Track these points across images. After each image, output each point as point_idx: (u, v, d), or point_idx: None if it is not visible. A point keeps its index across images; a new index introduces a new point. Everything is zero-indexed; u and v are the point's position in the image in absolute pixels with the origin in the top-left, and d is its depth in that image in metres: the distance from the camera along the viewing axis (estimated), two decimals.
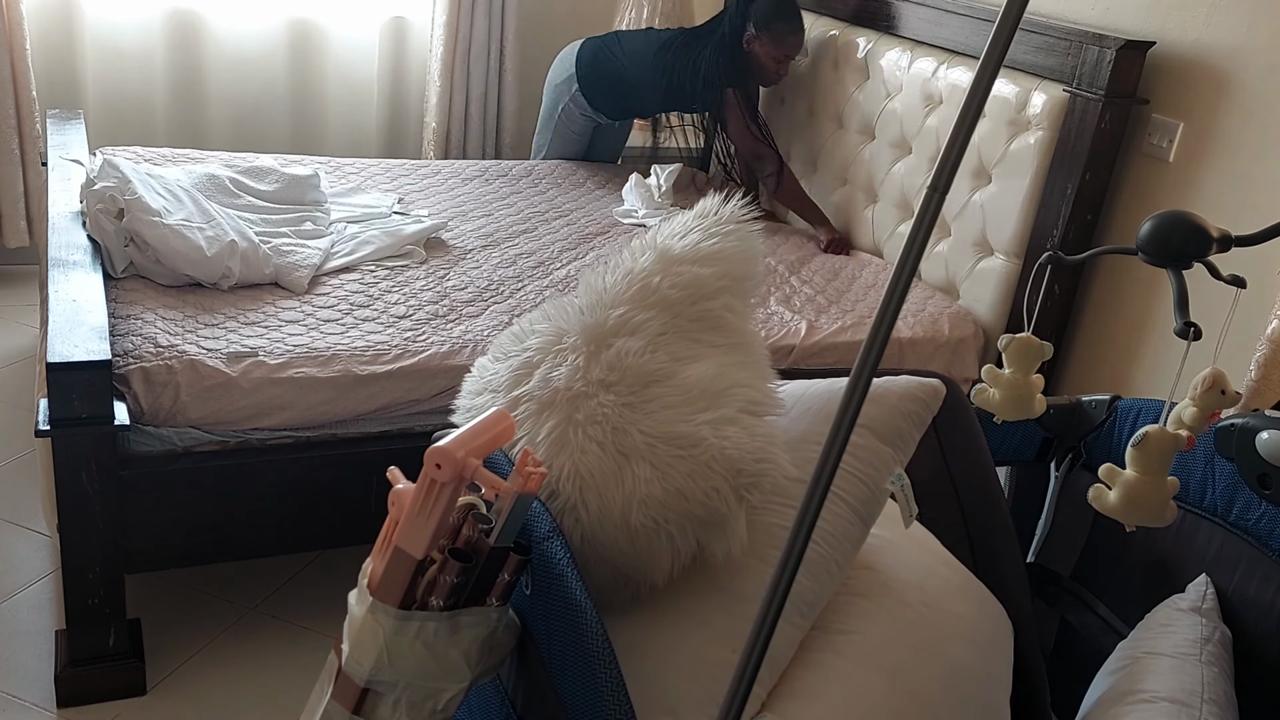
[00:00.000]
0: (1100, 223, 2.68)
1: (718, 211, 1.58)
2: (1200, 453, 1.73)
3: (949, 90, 2.94)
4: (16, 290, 3.69)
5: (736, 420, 1.34)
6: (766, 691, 1.33)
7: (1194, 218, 1.42)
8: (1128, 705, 1.43)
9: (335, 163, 3.49)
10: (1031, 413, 1.68)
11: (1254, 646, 1.63)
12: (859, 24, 3.35)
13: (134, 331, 2.18)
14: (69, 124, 3.17)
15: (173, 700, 2.13)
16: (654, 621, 1.36)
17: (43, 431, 1.91)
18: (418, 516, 1.22)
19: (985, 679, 1.49)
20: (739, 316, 1.50)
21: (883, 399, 1.52)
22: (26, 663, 2.17)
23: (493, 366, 1.55)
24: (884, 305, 0.93)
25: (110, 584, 2.05)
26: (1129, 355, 2.65)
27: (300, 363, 2.19)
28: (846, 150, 3.35)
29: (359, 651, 1.25)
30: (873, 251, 3.24)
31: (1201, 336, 1.34)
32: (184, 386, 2.09)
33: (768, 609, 1.00)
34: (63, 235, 2.43)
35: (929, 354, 2.73)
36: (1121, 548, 1.88)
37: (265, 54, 3.92)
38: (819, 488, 0.97)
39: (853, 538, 1.43)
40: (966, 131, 0.90)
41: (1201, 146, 2.46)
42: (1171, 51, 2.53)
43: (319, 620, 2.39)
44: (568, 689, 1.25)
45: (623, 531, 1.32)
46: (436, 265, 2.75)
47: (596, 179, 3.66)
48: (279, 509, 2.22)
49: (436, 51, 3.99)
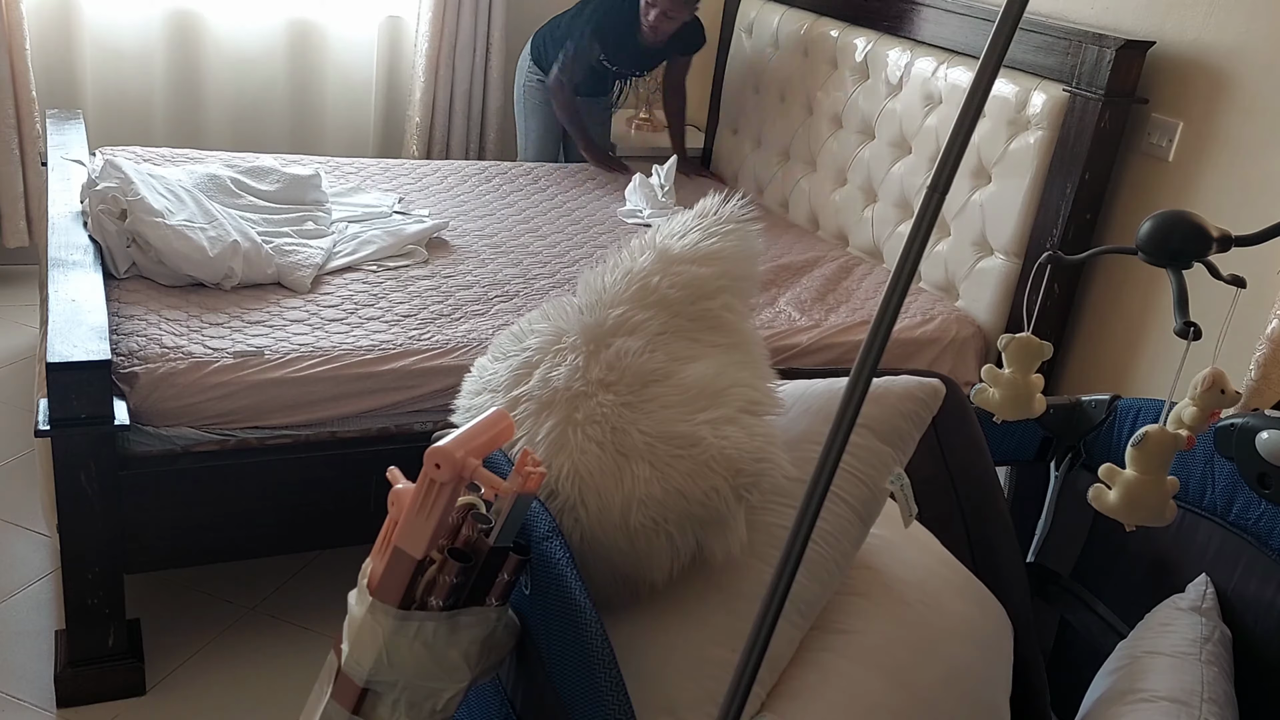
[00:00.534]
0: (1100, 222, 2.68)
1: (717, 211, 1.58)
2: (1200, 452, 1.73)
3: (949, 90, 2.94)
4: (16, 290, 3.69)
5: (736, 420, 1.34)
6: (766, 691, 1.33)
7: (1193, 217, 1.42)
8: (1127, 704, 1.43)
9: (334, 162, 3.49)
10: (1031, 412, 1.68)
11: (1254, 646, 1.63)
12: (858, 23, 3.35)
13: (138, 332, 2.18)
14: (68, 124, 3.17)
15: (172, 700, 2.13)
16: (654, 621, 1.36)
17: (42, 431, 1.91)
18: (417, 516, 1.22)
19: (985, 678, 1.49)
20: (738, 316, 1.50)
21: (883, 399, 1.52)
22: (26, 663, 2.17)
23: (492, 366, 1.55)
24: (884, 305, 0.93)
25: (110, 584, 2.05)
26: (1129, 355, 2.65)
27: (306, 362, 2.19)
28: (846, 150, 3.35)
29: (358, 651, 1.25)
30: (872, 252, 3.24)
31: (1201, 336, 1.34)
32: (190, 386, 2.09)
33: (767, 609, 1.00)
34: (63, 235, 2.43)
35: (929, 354, 2.73)
36: (1121, 547, 1.88)
37: (264, 54, 3.92)
38: (819, 488, 0.97)
39: (853, 538, 1.43)
40: (966, 131, 0.90)
41: (1201, 146, 2.46)
42: (1171, 51, 2.53)
43: (319, 620, 2.39)
44: (567, 689, 1.25)
45: (622, 531, 1.32)
46: (440, 265, 2.75)
47: (597, 179, 3.67)
48: (279, 509, 2.22)
49: (422, 48, 3.99)
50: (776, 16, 3.68)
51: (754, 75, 3.81)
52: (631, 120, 4.28)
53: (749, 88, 3.85)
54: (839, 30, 3.41)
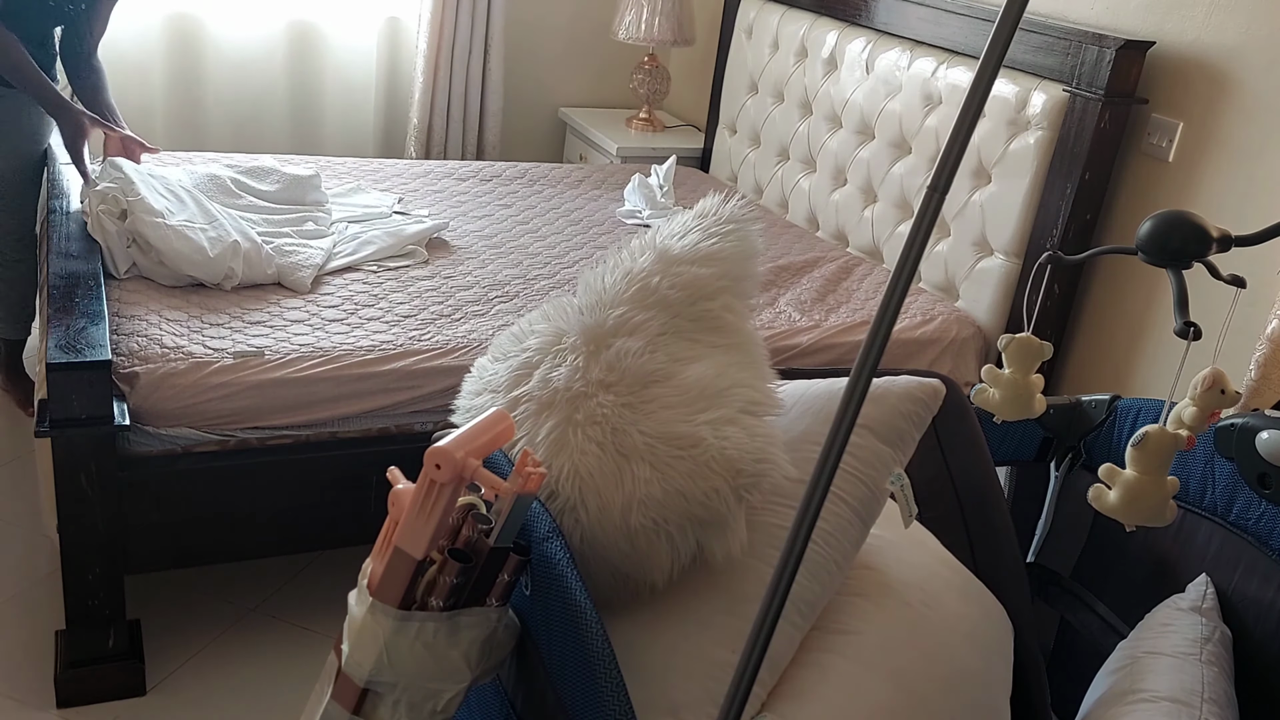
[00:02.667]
0: (1100, 222, 2.68)
1: (717, 211, 1.58)
2: (1200, 452, 1.73)
3: (949, 90, 2.94)
4: None
5: (736, 420, 1.34)
6: (766, 691, 1.33)
7: (1194, 217, 1.42)
8: (1128, 705, 1.43)
9: (333, 163, 3.49)
10: (1031, 413, 1.68)
11: (1254, 646, 1.63)
12: (858, 23, 3.35)
13: (139, 332, 2.18)
14: None
15: (172, 701, 2.13)
16: (654, 621, 1.36)
17: (42, 431, 1.91)
18: (417, 517, 1.22)
19: (985, 679, 1.49)
20: (738, 316, 1.50)
21: (883, 399, 1.52)
22: (26, 663, 2.17)
23: (492, 367, 1.55)
24: (884, 305, 0.93)
25: (110, 584, 2.05)
26: (1129, 355, 2.65)
27: (306, 362, 2.19)
28: (845, 150, 3.35)
29: (359, 652, 1.25)
30: (872, 252, 3.23)
31: (1201, 336, 1.34)
32: (190, 387, 2.09)
33: (768, 609, 1.00)
34: (63, 235, 2.43)
35: (929, 355, 2.73)
36: (1121, 548, 1.88)
37: (264, 56, 3.92)
38: (819, 488, 0.97)
39: (853, 538, 1.43)
40: (966, 131, 0.90)
41: (1201, 146, 2.46)
42: (1171, 51, 2.53)
43: (319, 620, 2.39)
44: (568, 689, 1.25)
45: (622, 532, 1.32)
46: (441, 265, 2.75)
47: (593, 179, 3.67)
48: (279, 509, 2.22)
49: (421, 49, 3.99)
50: (776, 17, 3.68)
51: (753, 75, 3.81)
52: (631, 120, 4.28)
53: (748, 88, 3.85)
54: (839, 30, 3.41)
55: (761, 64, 3.76)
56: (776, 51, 3.69)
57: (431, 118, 4.09)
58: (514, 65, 4.26)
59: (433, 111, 4.08)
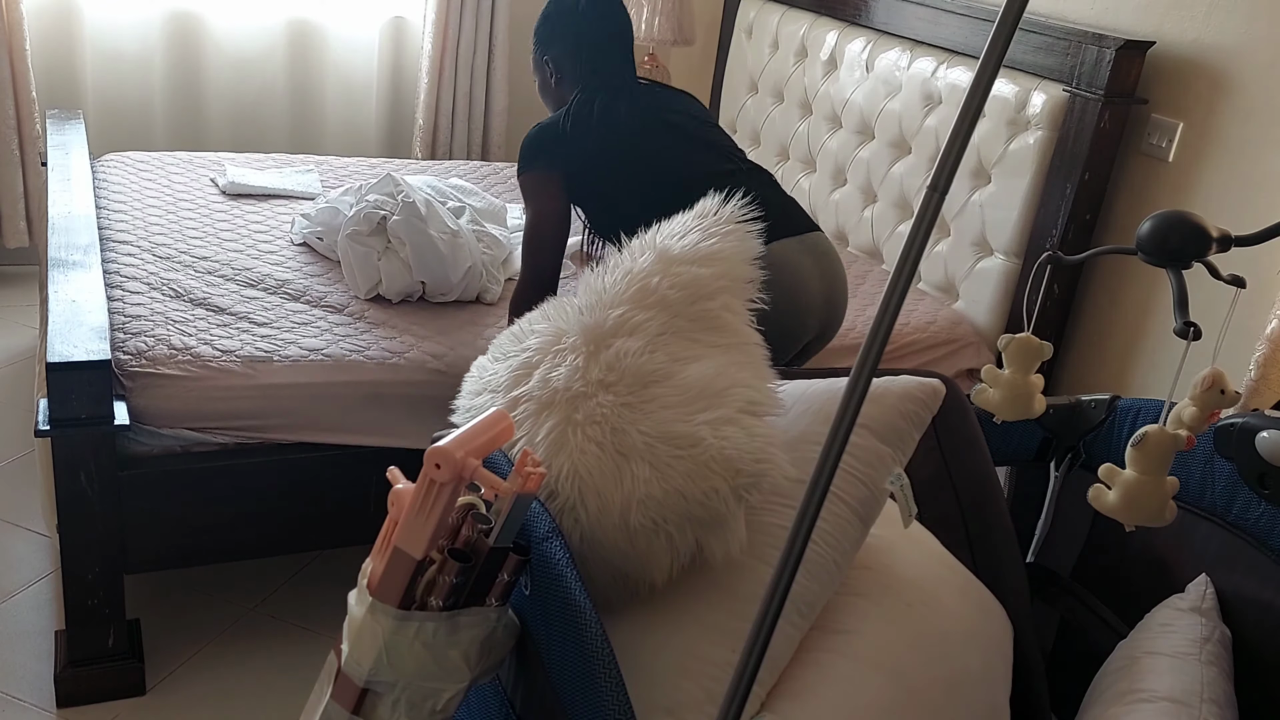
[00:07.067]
0: (1099, 222, 2.68)
1: (717, 212, 1.58)
2: (1200, 452, 1.73)
3: (948, 90, 2.94)
4: (16, 290, 3.69)
5: (735, 420, 1.34)
6: (766, 691, 1.33)
7: (1193, 217, 1.42)
8: (1127, 705, 1.43)
9: (332, 163, 3.49)
10: (1031, 413, 1.68)
11: (1254, 646, 1.63)
12: (858, 23, 3.35)
13: (146, 332, 2.18)
14: (69, 124, 3.17)
15: (172, 700, 2.13)
16: (653, 621, 1.36)
17: (42, 431, 1.91)
18: (417, 517, 1.22)
19: (985, 679, 1.49)
20: (738, 316, 1.50)
21: (882, 399, 1.52)
22: (26, 663, 2.17)
23: (492, 366, 1.55)
24: (884, 305, 0.93)
25: (110, 584, 2.05)
26: (1128, 355, 2.65)
27: (310, 367, 2.19)
28: (845, 150, 3.35)
29: (358, 652, 1.25)
30: (872, 252, 3.24)
31: (1201, 336, 1.34)
32: (197, 388, 2.09)
33: (767, 609, 1.00)
34: (63, 235, 2.43)
35: (929, 354, 2.73)
36: (1121, 547, 1.88)
37: (264, 54, 3.92)
38: (818, 488, 0.97)
39: (852, 538, 1.43)
40: (966, 131, 0.90)
41: (1201, 146, 2.46)
42: (1170, 51, 2.53)
43: (319, 620, 2.39)
44: (567, 689, 1.25)
45: (622, 532, 1.32)
46: None
47: None
48: (279, 509, 2.22)
49: (426, 49, 3.99)
50: (776, 16, 3.68)
51: (753, 75, 3.81)
52: None
53: (748, 87, 3.85)
54: (838, 30, 3.41)
55: (761, 64, 3.76)
56: (776, 51, 3.69)
57: (437, 118, 4.09)
58: (519, 64, 4.25)
59: (438, 112, 4.08)
